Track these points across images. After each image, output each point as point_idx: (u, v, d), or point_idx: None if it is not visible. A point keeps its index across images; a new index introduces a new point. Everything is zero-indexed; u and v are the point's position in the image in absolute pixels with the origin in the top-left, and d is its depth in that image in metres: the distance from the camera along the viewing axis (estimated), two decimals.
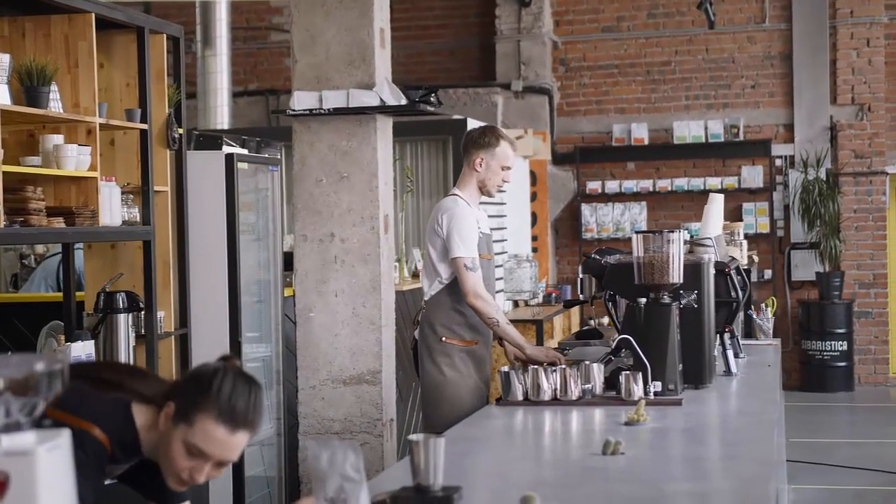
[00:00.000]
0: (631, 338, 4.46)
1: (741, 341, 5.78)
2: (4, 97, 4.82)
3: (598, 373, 4.47)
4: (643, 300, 4.54)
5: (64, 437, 1.84)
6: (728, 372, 5.12)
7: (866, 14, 12.53)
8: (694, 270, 4.68)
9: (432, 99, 5.68)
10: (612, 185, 12.84)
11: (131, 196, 5.71)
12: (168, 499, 2.93)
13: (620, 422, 3.99)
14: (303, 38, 5.60)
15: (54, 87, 5.11)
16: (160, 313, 5.85)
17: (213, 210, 6.34)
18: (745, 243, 6.90)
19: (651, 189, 12.75)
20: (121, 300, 5.56)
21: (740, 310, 5.39)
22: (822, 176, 12.33)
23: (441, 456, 2.82)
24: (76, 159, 5.16)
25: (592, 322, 9.64)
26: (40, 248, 8.35)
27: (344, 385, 5.62)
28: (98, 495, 2.67)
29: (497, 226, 9.88)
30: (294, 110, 5.56)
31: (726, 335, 5.17)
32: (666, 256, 4.50)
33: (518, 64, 12.85)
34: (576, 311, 11.22)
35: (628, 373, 4.37)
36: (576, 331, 7.43)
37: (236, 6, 12.51)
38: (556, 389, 4.39)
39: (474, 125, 6.65)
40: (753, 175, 12.58)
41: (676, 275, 4.52)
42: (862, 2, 12.52)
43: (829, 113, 12.59)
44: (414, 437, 2.82)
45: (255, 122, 12.77)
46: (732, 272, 5.18)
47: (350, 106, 5.50)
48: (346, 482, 2.42)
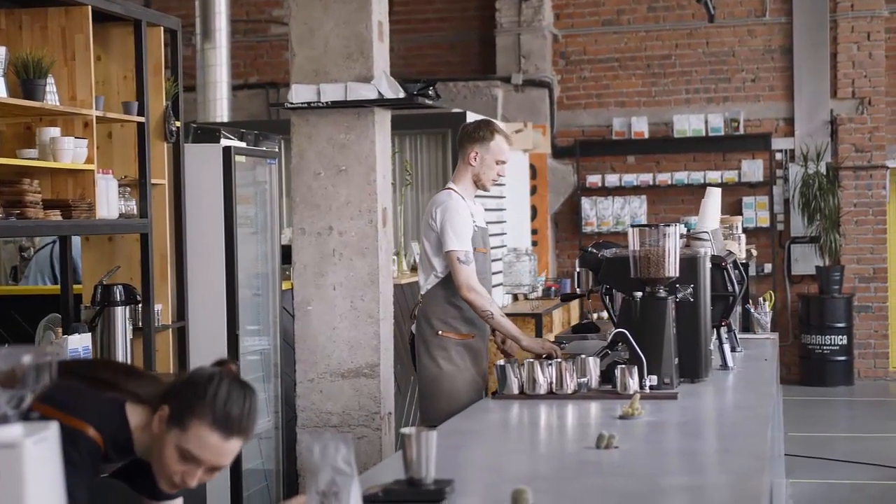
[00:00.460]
0: (627, 332, 4.46)
1: (738, 335, 5.78)
2: (1, 90, 4.82)
3: (593, 367, 4.46)
4: (639, 294, 4.54)
5: (52, 429, 1.84)
6: (724, 366, 5.12)
7: (867, 8, 12.51)
8: (690, 264, 4.68)
9: (430, 92, 5.68)
10: (612, 179, 12.83)
11: (128, 189, 5.71)
12: (160, 495, 2.93)
13: (615, 416, 3.99)
14: (301, 32, 5.59)
15: (51, 80, 5.10)
16: (157, 306, 5.85)
17: (211, 203, 6.33)
18: (743, 237, 6.89)
19: (651, 183, 12.75)
20: (118, 293, 5.55)
21: (737, 304, 5.38)
22: (823, 170, 12.31)
23: (433, 449, 2.82)
24: (73, 152, 5.16)
25: (594, 316, 9.65)
26: (40, 241, 8.34)
27: (342, 378, 5.61)
28: (91, 494, 2.67)
29: (497, 219, 9.88)
30: (292, 103, 5.56)
31: (723, 329, 5.17)
32: (662, 250, 4.50)
33: (518, 57, 12.84)
34: (575, 305, 11.22)
35: (624, 367, 4.37)
36: (573, 325, 7.43)
37: None
38: (551, 383, 4.39)
39: (474, 118, 6.65)
40: (753, 169, 12.57)
41: (673, 269, 4.52)
42: None
43: (829, 107, 12.57)
44: (406, 430, 2.82)
45: (255, 116, 12.75)
46: (729, 266, 5.17)
47: (348, 99, 5.49)
48: (338, 475, 2.42)
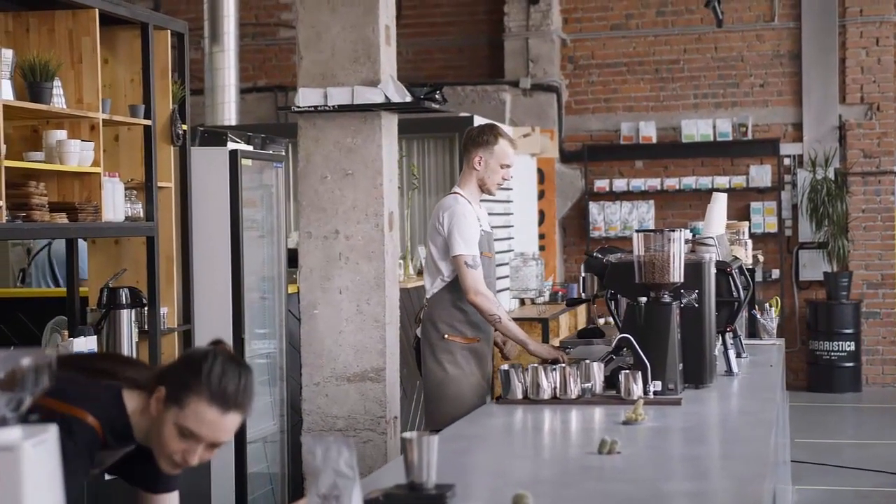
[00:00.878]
0: (631, 337, 4.45)
1: (745, 341, 5.77)
2: (8, 92, 4.83)
3: (598, 372, 4.46)
4: (644, 299, 4.53)
5: (51, 432, 1.84)
6: (729, 372, 5.11)
7: (876, 13, 12.48)
8: (695, 269, 4.67)
9: (437, 96, 5.68)
10: (620, 184, 12.82)
11: (135, 192, 5.72)
12: (158, 486, 2.96)
13: (619, 421, 3.98)
14: (308, 35, 5.60)
15: (58, 83, 5.12)
16: (163, 309, 5.86)
17: (217, 206, 6.34)
18: (749, 242, 6.87)
19: (659, 188, 12.73)
20: (124, 296, 5.57)
21: (742, 309, 5.37)
22: (831, 175, 12.28)
23: (434, 453, 2.82)
24: (79, 155, 5.17)
25: (601, 321, 9.64)
26: (35, 245, 8.36)
27: (348, 382, 5.61)
28: (87, 480, 2.69)
29: (504, 224, 9.87)
30: (299, 107, 5.56)
31: (728, 335, 5.16)
32: (667, 255, 4.49)
33: (526, 61, 12.84)
34: (583, 310, 11.18)
35: (628, 372, 4.36)
36: (578, 329, 7.42)
37: (245, 2, 12.51)
38: (555, 388, 4.38)
39: (481, 122, 6.65)
40: (762, 174, 12.55)
41: (677, 274, 4.51)
42: (872, 1, 12.47)
43: (837, 112, 12.55)
44: (407, 434, 2.82)
45: (263, 119, 12.76)
46: (734, 271, 5.16)
47: (355, 103, 5.50)
48: (340, 478, 2.41)
